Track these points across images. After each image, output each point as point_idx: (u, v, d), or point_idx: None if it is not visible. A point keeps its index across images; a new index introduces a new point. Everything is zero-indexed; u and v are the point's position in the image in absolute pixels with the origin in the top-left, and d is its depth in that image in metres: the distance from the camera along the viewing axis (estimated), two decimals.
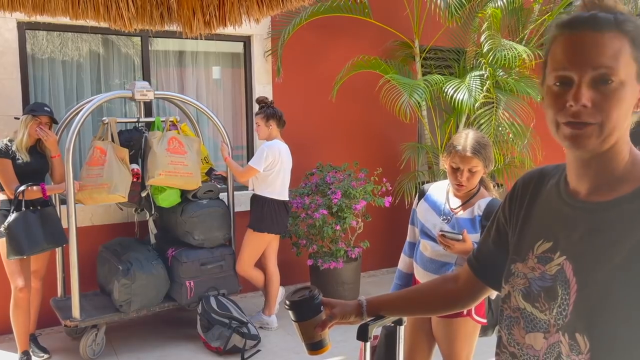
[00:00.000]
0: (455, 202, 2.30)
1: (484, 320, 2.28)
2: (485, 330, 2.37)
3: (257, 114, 4.05)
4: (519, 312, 0.98)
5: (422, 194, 2.43)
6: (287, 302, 1.28)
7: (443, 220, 2.27)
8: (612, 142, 0.89)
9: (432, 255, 2.27)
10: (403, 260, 2.52)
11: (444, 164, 2.29)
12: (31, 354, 3.53)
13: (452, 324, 2.25)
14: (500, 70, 4.79)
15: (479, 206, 2.22)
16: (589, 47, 0.86)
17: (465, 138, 2.18)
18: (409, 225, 2.51)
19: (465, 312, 2.20)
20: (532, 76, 4.99)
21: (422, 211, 2.38)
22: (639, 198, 0.86)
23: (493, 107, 4.68)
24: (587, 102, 0.85)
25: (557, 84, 0.89)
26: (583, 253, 0.89)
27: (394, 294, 1.41)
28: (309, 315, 1.25)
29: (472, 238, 2.15)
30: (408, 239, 2.52)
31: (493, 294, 1.73)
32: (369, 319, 1.33)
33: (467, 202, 2.26)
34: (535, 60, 4.67)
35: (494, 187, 2.36)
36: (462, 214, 2.24)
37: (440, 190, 2.38)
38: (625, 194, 0.88)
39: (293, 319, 1.27)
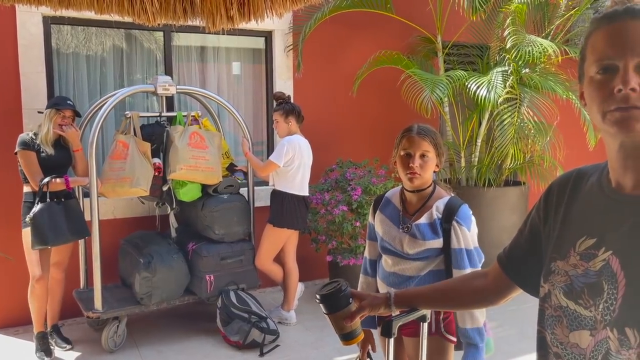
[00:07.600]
0: (413, 207, 2.09)
1: (454, 339, 2.07)
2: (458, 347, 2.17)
3: (275, 110, 4.03)
4: (561, 310, 0.97)
5: (376, 205, 2.20)
6: (317, 296, 1.35)
7: (402, 229, 2.06)
8: None
9: (395, 269, 2.09)
10: (365, 282, 2.26)
11: (393, 161, 2.11)
12: (49, 336, 3.63)
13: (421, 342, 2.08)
14: (525, 66, 4.70)
15: (437, 208, 2.03)
16: (631, 35, 0.88)
17: (412, 125, 2.08)
18: (367, 241, 2.26)
19: (434, 329, 2.05)
20: (558, 72, 4.89)
21: (379, 223, 2.16)
22: None
23: (516, 103, 4.60)
24: (636, 86, 0.86)
25: (600, 72, 0.90)
26: (630, 247, 0.88)
27: (424, 287, 1.42)
28: (338, 307, 1.33)
29: (434, 244, 2.01)
30: (368, 256, 2.26)
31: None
32: (397, 311, 1.37)
33: (424, 204, 2.06)
34: (561, 56, 4.58)
35: (450, 191, 2.14)
36: (420, 219, 2.03)
37: (394, 198, 2.17)
38: None
39: (324, 311, 1.35)
